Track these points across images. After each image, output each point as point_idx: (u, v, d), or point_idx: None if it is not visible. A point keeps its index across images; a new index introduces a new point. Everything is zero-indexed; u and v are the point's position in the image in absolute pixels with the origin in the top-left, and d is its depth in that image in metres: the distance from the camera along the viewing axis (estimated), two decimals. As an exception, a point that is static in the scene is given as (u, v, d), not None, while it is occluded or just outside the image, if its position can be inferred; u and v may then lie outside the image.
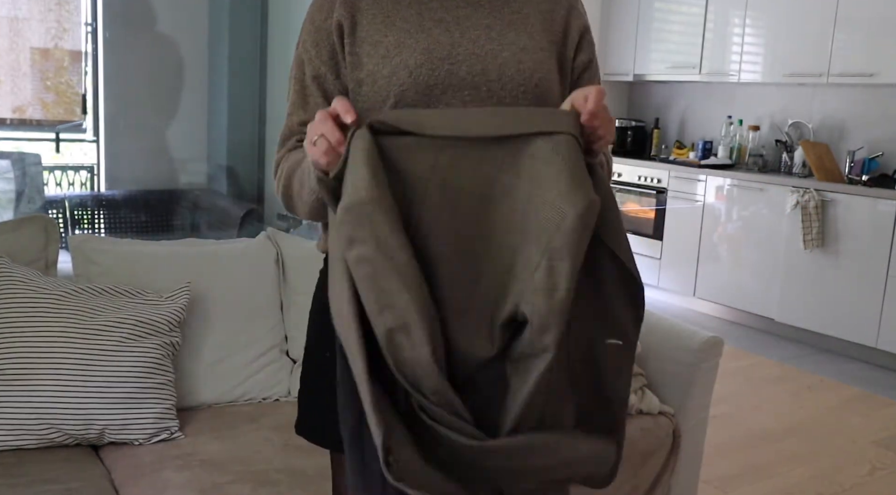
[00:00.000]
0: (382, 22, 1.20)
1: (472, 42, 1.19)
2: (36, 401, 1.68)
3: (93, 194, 4.59)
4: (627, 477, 2.00)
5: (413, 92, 1.16)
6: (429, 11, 1.20)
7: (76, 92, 4.56)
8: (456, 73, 1.17)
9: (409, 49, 1.17)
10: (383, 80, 1.18)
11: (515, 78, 1.19)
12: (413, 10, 1.20)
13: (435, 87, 1.17)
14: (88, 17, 4.48)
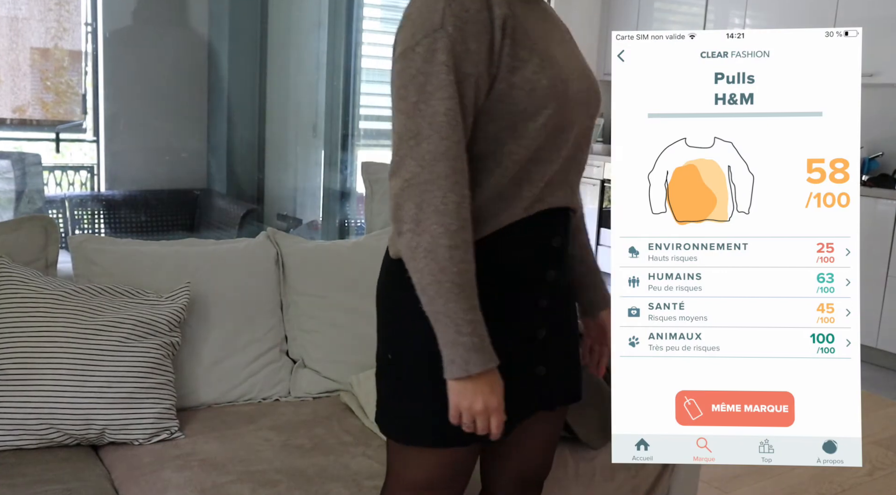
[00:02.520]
0: (524, 27, 1.18)
1: (569, 58, 1.27)
2: (36, 401, 1.68)
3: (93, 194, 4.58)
4: (627, 477, 2.00)
5: (564, 104, 1.21)
6: (533, 21, 1.23)
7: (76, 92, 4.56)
8: (578, 87, 1.24)
9: (556, 62, 1.21)
10: (543, 89, 1.17)
11: (597, 95, 1.31)
12: (530, 19, 1.22)
13: (571, 99, 1.22)
14: (88, 17, 4.47)
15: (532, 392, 1.30)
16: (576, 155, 1.28)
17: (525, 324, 1.28)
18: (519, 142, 1.19)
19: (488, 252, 1.20)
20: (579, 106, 1.24)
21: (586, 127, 1.28)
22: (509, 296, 1.25)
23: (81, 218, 4.31)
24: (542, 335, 1.30)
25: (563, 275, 1.33)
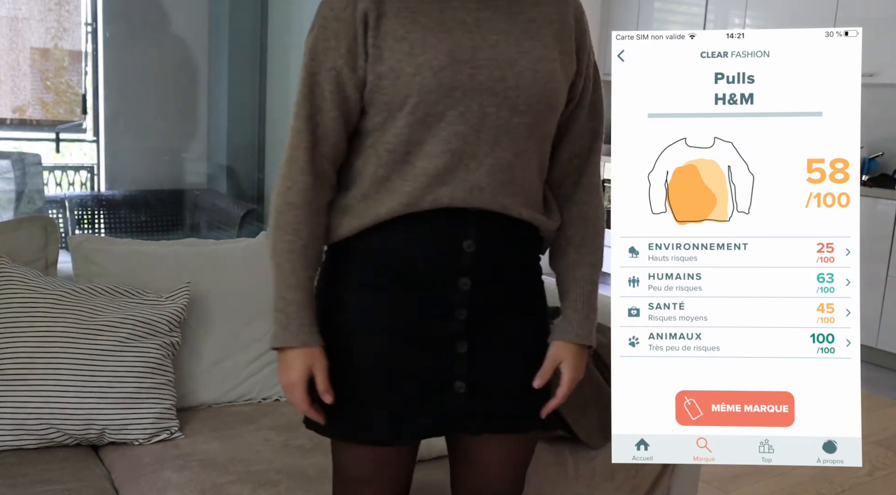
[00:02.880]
0: (407, 17, 1.18)
1: (492, 47, 1.19)
2: (36, 401, 1.68)
3: (93, 194, 4.59)
4: (627, 477, 2.00)
5: (436, 93, 1.16)
6: (450, 10, 1.20)
7: (76, 92, 4.56)
8: (477, 77, 1.17)
9: (432, 49, 1.17)
10: (406, 77, 1.17)
11: (531, 87, 1.19)
12: (435, 8, 1.19)
13: (456, 89, 1.17)
14: (88, 17, 4.47)
15: (449, 407, 1.25)
16: (479, 151, 1.19)
17: (435, 332, 1.23)
18: (392, 133, 1.20)
19: (371, 244, 1.24)
20: (480, 96, 1.17)
21: (500, 120, 1.19)
22: (407, 296, 1.23)
23: (81, 218, 4.31)
24: (462, 349, 1.24)
25: (484, 286, 1.24)
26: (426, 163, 1.19)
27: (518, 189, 1.23)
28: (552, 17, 1.25)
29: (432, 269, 1.22)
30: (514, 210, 1.23)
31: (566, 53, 1.26)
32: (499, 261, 1.26)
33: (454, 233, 1.21)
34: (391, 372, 1.25)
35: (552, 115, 1.25)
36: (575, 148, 1.33)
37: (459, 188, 1.20)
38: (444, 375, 1.25)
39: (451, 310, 1.23)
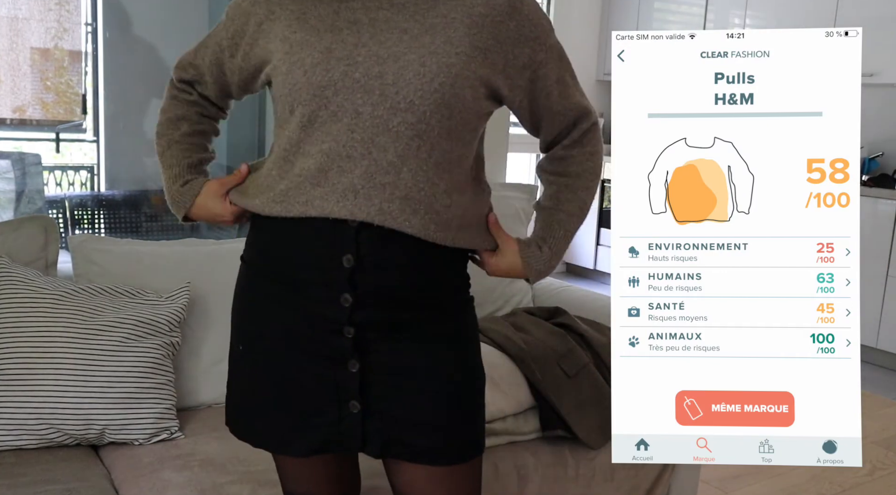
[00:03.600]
0: (297, 19, 1.18)
1: (379, 44, 1.14)
2: (36, 401, 1.68)
3: (93, 194, 4.58)
4: (627, 477, 2.00)
5: (306, 92, 1.14)
6: (347, 11, 1.17)
7: (76, 92, 4.55)
8: (351, 74, 1.13)
9: (310, 47, 1.15)
10: (282, 76, 1.17)
11: (413, 82, 1.12)
12: (331, 9, 1.18)
13: (328, 87, 1.13)
14: (88, 17, 4.47)
15: (345, 425, 1.22)
16: (353, 151, 1.14)
17: (327, 346, 1.20)
18: (282, 129, 1.22)
19: (259, 248, 1.28)
20: (353, 93, 1.13)
21: (377, 119, 1.13)
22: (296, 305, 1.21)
23: (81, 218, 4.30)
24: (353, 368, 1.19)
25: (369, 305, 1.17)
26: (302, 163, 1.17)
27: (406, 192, 1.15)
28: (472, 12, 1.17)
29: (316, 281, 1.18)
30: (401, 218, 1.14)
31: (485, 49, 1.17)
32: (383, 280, 1.17)
33: (333, 245, 1.16)
34: (285, 383, 1.23)
35: (448, 112, 1.15)
36: (555, 129, 1.30)
37: (332, 190, 1.14)
38: (338, 392, 1.21)
39: (338, 325, 1.18)
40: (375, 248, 1.16)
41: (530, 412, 1.89)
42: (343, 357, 1.20)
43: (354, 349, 1.19)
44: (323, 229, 1.16)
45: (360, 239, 1.15)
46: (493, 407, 1.77)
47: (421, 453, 1.22)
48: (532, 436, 1.90)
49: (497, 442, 1.82)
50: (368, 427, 1.22)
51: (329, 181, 1.15)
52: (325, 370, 1.21)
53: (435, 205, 1.17)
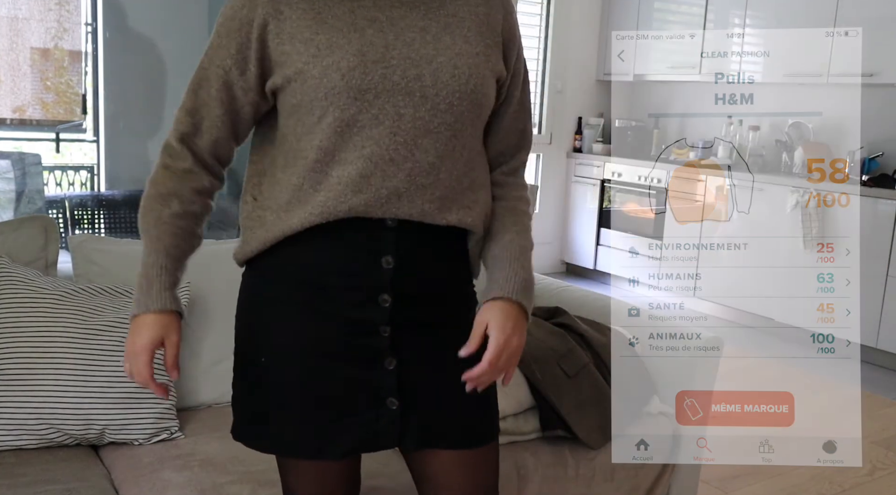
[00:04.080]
0: (313, 18, 1.14)
1: (407, 45, 1.14)
2: (36, 401, 1.68)
3: (93, 194, 4.58)
4: (627, 477, 2.00)
5: (346, 95, 1.12)
6: (361, 9, 1.15)
7: (76, 92, 4.55)
8: (390, 77, 1.12)
9: (341, 50, 1.12)
10: (314, 80, 1.13)
11: (451, 84, 1.14)
12: (345, 7, 1.15)
13: (368, 91, 1.12)
14: (88, 17, 4.47)
15: (382, 423, 1.22)
16: (396, 154, 1.14)
17: (361, 348, 1.20)
18: (308, 138, 1.16)
19: (287, 259, 1.20)
20: (394, 96, 1.12)
21: (419, 120, 1.14)
22: (328, 312, 1.19)
23: (81, 218, 4.30)
24: (390, 365, 1.20)
25: (407, 303, 1.19)
26: (340, 171, 1.14)
27: (444, 192, 1.17)
28: (476, 10, 1.20)
29: (350, 285, 1.18)
30: (439, 216, 1.17)
31: (492, 47, 1.20)
32: (421, 277, 1.20)
33: (372, 248, 1.17)
34: (318, 388, 1.22)
35: (479, 111, 1.19)
36: (501, 146, 1.29)
37: (375, 195, 1.14)
38: (374, 391, 1.22)
39: (374, 326, 1.19)
40: (414, 247, 1.18)
41: (530, 412, 1.89)
42: (379, 356, 1.21)
43: (391, 347, 1.21)
44: (361, 231, 1.16)
45: (398, 239, 1.17)
46: (493, 407, 1.77)
47: (458, 439, 1.26)
48: (532, 436, 1.90)
49: (497, 442, 1.82)
50: (408, 421, 1.23)
51: (372, 186, 1.14)
52: (360, 371, 1.21)
53: (465, 200, 1.21)
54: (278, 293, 1.23)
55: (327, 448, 1.24)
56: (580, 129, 6.08)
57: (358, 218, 1.15)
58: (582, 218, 5.97)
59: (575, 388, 1.91)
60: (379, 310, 1.18)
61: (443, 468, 1.28)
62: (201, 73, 1.21)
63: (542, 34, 5.94)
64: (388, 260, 1.17)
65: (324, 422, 1.23)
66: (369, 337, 1.20)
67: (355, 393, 1.22)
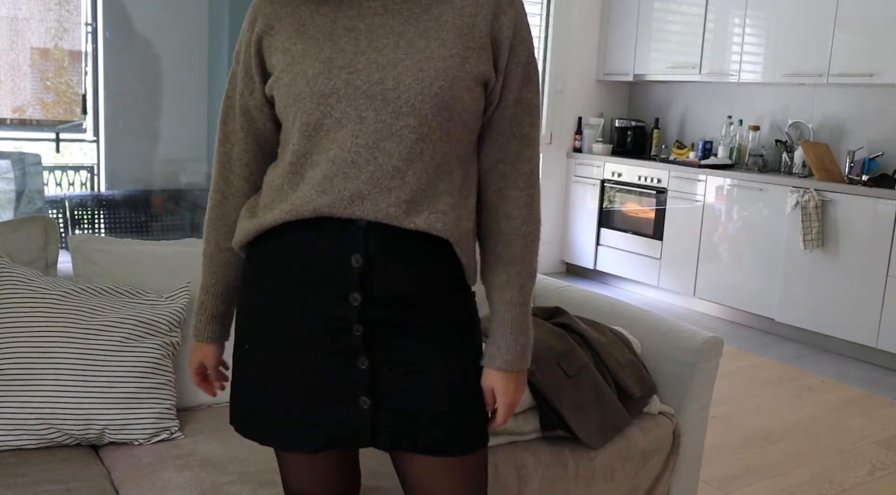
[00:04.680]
0: (296, 30, 1.20)
1: (377, 51, 1.16)
2: (36, 401, 1.68)
3: (93, 194, 4.58)
4: (628, 477, 2.00)
5: (309, 101, 1.16)
6: (344, 19, 1.19)
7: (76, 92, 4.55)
8: (352, 82, 1.16)
9: (311, 58, 1.18)
10: (285, 87, 1.19)
11: (413, 86, 1.14)
12: (328, 18, 1.20)
13: (331, 95, 1.16)
14: (88, 17, 4.47)
15: (356, 420, 1.24)
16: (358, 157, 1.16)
17: (336, 344, 1.21)
18: (287, 142, 1.23)
19: (266, 250, 1.26)
20: (356, 100, 1.15)
21: (380, 124, 1.15)
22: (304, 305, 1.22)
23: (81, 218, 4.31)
24: (362, 364, 1.21)
25: (377, 303, 1.19)
26: (310, 173, 1.19)
27: (411, 195, 1.17)
28: (462, 13, 1.19)
29: (321, 280, 1.20)
30: (405, 220, 1.17)
31: (473, 49, 1.18)
32: (391, 278, 1.19)
33: (341, 245, 1.18)
34: (292, 381, 1.24)
35: (448, 114, 1.17)
36: (498, 153, 1.26)
37: (338, 196, 1.17)
38: (348, 388, 1.23)
39: (347, 324, 1.21)
40: (383, 247, 1.18)
41: (530, 412, 1.89)
42: (352, 354, 1.22)
43: (363, 346, 1.21)
44: (331, 230, 1.19)
45: (368, 238, 1.18)
46: (493, 407, 1.77)
47: (433, 445, 1.25)
48: (532, 436, 1.90)
49: (497, 442, 1.82)
50: (379, 421, 1.24)
51: (335, 188, 1.17)
52: (335, 367, 1.23)
53: (437, 205, 1.20)
54: (263, 283, 1.27)
55: (302, 440, 1.26)
56: (580, 129, 6.08)
57: (330, 217, 1.18)
58: (582, 218, 5.98)
59: (575, 388, 1.91)
60: (350, 308, 1.20)
61: (420, 472, 1.29)
62: (227, 102, 1.31)
63: (542, 34, 5.94)
64: (357, 258, 1.18)
65: (300, 415, 1.25)
66: (343, 334, 1.21)
67: (331, 388, 1.24)
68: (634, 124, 6.04)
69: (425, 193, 1.18)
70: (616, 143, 6.06)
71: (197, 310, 1.38)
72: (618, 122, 6.11)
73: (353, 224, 1.18)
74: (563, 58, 5.95)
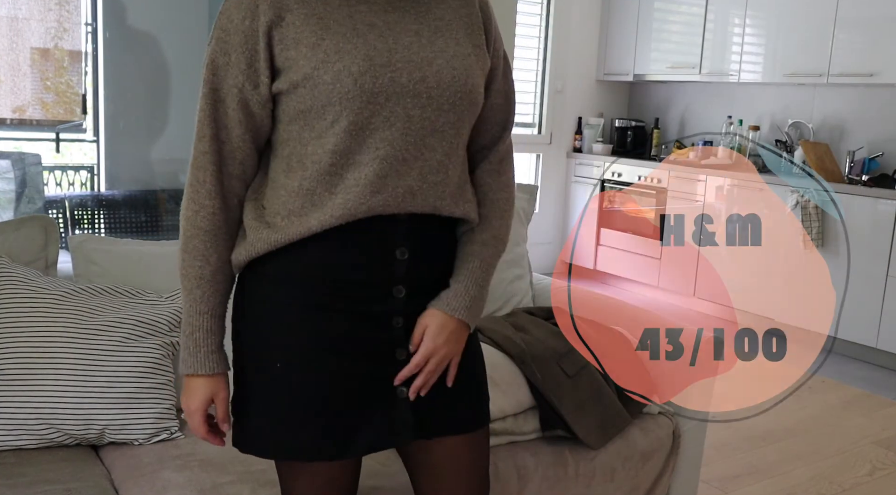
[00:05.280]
0: (317, 23, 1.15)
1: (407, 48, 1.17)
2: (36, 401, 1.68)
3: (93, 194, 4.58)
4: (628, 477, 2.00)
5: (359, 99, 1.14)
6: (359, 14, 1.18)
7: (76, 92, 4.55)
8: (398, 80, 1.16)
9: (349, 55, 1.14)
10: (325, 86, 1.14)
11: (452, 85, 1.19)
12: (344, 13, 1.17)
13: (379, 94, 1.15)
14: (88, 17, 4.47)
15: (396, 415, 1.24)
16: (408, 154, 1.18)
17: (372, 342, 1.22)
18: (319, 143, 1.17)
19: (306, 256, 1.20)
20: (403, 99, 1.16)
21: (426, 121, 1.18)
22: (339, 310, 1.20)
23: (81, 218, 4.31)
24: (401, 356, 1.23)
25: (419, 292, 1.23)
26: (357, 173, 1.16)
27: (451, 188, 1.23)
28: (460, 13, 1.25)
29: (365, 280, 1.20)
30: (447, 209, 1.23)
31: (479, 46, 1.25)
32: (432, 265, 1.25)
33: (386, 241, 1.19)
34: (331, 389, 1.22)
35: (475, 110, 1.24)
36: (484, 139, 1.32)
37: (392, 194, 1.17)
38: (386, 383, 1.23)
39: (387, 318, 1.22)
40: (425, 237, 1.23)
41: (530, 412, 1.89)
42: (390, 348, 1.23)
43: (403, 337, 1.24)
44: (374, 228, 1.19)
45: (410, 231, 1.21)
46: (493, 407, 1.76)
47: (463, 423, 1.30)
48: (532, 436, 1.90)
49: (497, 442, 1.82)
50: (418, 409, 1.26)
51: (388, 186, 1.17)
52: (373, 367, 1.23)
53: (467, 194, 1.27)
54: (289, 295, 1.22)
55: (348, 446, 1.24)
56: (580, 129, 6.08)
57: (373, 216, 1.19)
58: (582, 218, 5.97)
59: (575, 388, 1.91)
60: (394, 301, 1.22)
61: (449, 453, 1.31)
62: (213, 96, 1.20)
63: (542, 34, 5.94)
64: (403, 251, 1.21)
65: (343, 422, 1.23)
66: (382, 330, 1.23)
67: (368, 388, 1.23)
68: (634, 124, 6.04)
69: (460, 185, 1.25)
70: (616, 143, 6.06)
71: (200, 340, 1.23)
72: (618, 122, 6.11)
73: (395, 218, 1.20)
74: (563, 58, 5.95)
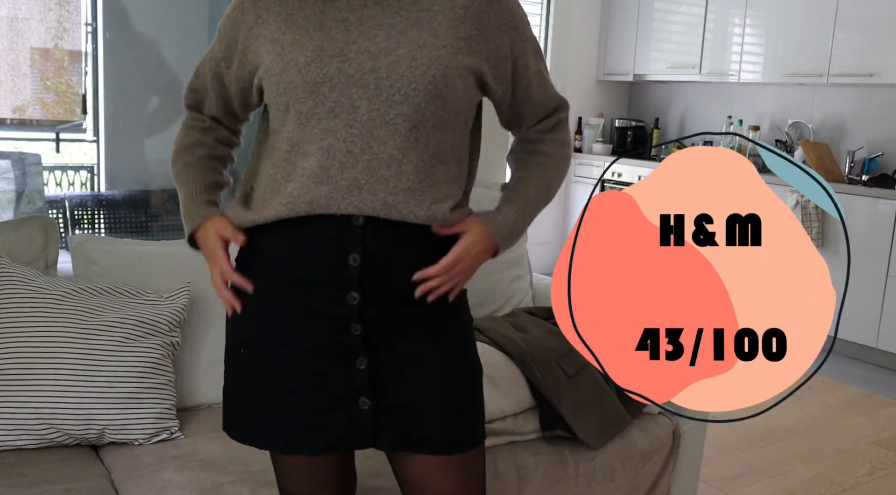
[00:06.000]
0: (284, 20, 1.20)
1: (369, 40, 1.17)
2: (36, 401, 1.68)
3: (93, 194, 4.58)
4: (628, 477, 2.00)
5: (302, 89, 1.16)
6: (333, 10, 1.20)
7: (76, 92, 4.55)
8: (345, 70, 1.16)
9: (301, 47, 1.17)
10: (275, 77, 1.19)
11: (406, 75, 1.15)
12: (317, 9, 1.20)
13: (323, 84, 1.16)
14: (88, 17, 4.47)
15: (355, 422, 1.23)
16: (353, 146, 1.16)
17: (334, 345, 1.21)
18: (280, 131, 1.22)
19: (266, 248, 1.23)
20: (349, 89, 1.15)
21: (374, 112, 1.15)
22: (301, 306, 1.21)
23: (81, 218, 4.30)
24: (361, 364, 1.21)
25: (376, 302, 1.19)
26: (304, 162, 1.18)
27: (409, 184, 1.17)
28: (454, 4, 1.20)
29: (319, 280, 1.19)
30: (406, 210, 1.17)
31: (465, 40, 1.20)
32: (389, 276, 1.19)
33: (339, 245, 1.17)
34: (291, 383, 1.23)
35: (441, 103, 1.18)
36: (534, 119, 1.33)
37: (336, 187, 1.16)
38: (347, 389, 1.22)
39: (345, 323, 1.20)
40: (380, 246, 1.18)
41: (530, 412, 1.89)
42: (351, 354, 1.21)
43: (362, 346, 1.21)
44: (328, 228, 1.18)
45: (365, 237, 1.17)
46: (493, 407, 1.77)
47: (433, 444, 1.25)
48: (532, 436, 1.90)
49: (497, 442, 1.82)
50: (380, 422, 1.23)
51: (332, 178, 1.16)
52: (334, 368, 1.22)
53: (436, 194, 1.20)
54: (257, 288, 1.25)
55: (304, 443, 1.24)
56: (580, 129, 6.09)
57: (327, 215, 1.17)
58: (582, 218, 5.97)
59: (575, 388, 1.91)
60: (348, 307, 1.19)
61: (421, 472, 1.28)
62: (203, 60, 1.35)
63: (542, 34, 5.94)
64: (355, 257, 1.17)
65: (301, 418, 1.24)
66: (341, 334, 1.21)
67: (331, 389, 1.23)
68: (634, 124, 6.04)
69: (423, 182, 1.19)
70: (616, 143, 6.06)
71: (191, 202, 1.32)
72: (618, 122, 6.11)
73: (349, 222, 1.17)
74: (563, 58, 5.95)
